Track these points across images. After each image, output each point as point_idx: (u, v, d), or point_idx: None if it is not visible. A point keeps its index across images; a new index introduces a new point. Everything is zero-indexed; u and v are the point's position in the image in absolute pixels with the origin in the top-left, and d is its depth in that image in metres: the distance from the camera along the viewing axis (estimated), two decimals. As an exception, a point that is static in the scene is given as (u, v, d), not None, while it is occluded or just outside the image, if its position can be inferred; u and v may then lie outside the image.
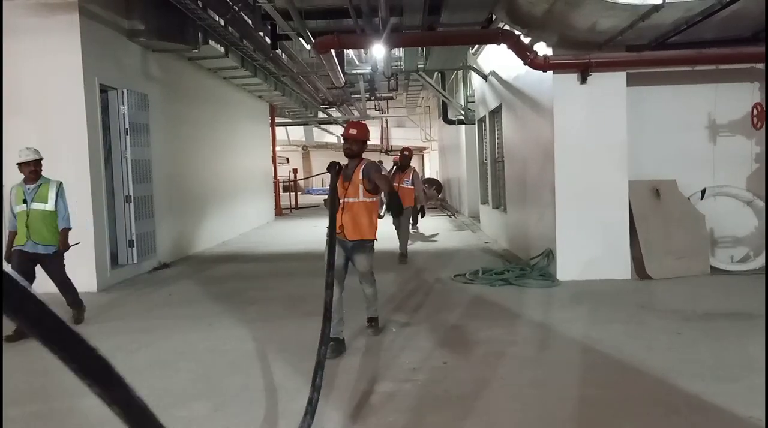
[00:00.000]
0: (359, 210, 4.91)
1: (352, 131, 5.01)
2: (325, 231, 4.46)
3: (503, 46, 7.67)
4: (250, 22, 9.45)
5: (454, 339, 5.13)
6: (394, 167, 10.08)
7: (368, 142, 5.21)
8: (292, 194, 23.59)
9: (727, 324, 5.36)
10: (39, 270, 5.74)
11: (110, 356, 0.72)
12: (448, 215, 18.10)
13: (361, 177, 4.93)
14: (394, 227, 9.39)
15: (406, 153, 10.09)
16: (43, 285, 6.91)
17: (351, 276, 5.12)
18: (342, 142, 5.15)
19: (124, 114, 8.27)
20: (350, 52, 14.64)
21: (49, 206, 5.71)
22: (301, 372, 4.40)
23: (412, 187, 9.67)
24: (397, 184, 9.02)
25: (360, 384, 4.11)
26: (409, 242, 9.66)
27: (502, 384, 4.08)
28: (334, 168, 4.79)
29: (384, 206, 8.63)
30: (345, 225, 4.88)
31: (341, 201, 4.88)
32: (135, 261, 8.37)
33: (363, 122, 5.30)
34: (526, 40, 7.47)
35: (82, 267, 7.47)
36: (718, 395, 3.68)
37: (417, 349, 4.85)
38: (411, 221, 10.83)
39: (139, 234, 8.46)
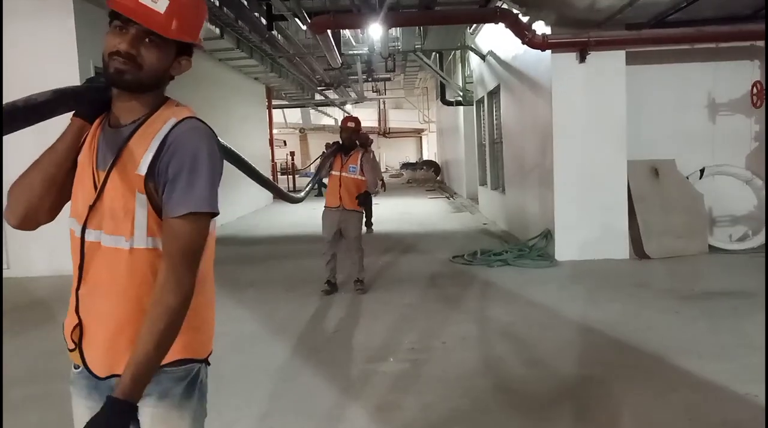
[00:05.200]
0: None
1: None
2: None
3: (501, 25, 7.59)
4: (245, 3, 9.33)
5: (452, 319, 5.14)
6: (335, 146, 6.44)
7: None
8: (290, 177, 23.51)
9: (725, 302, 5.38)
10: None
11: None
12: (446, 197, 18.12)
13: None
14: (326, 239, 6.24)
15: (350, 124, 6.33)
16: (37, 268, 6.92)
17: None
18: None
19: (119, 97, 8.19)
20: (347, 33, 14.48)
21: None
22: (299, 352, 4.43)
23: (359, 178, 6.14)
24: (338, 173, 6.15)
25: (359, 363, 4.13)
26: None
27: (500, 363, 4.10)
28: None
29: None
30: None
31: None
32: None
33: None
34: (525, 19, 7.40)
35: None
36: (716, 372, 3.70)
37: (415, 329, 4.87)
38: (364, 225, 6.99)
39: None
